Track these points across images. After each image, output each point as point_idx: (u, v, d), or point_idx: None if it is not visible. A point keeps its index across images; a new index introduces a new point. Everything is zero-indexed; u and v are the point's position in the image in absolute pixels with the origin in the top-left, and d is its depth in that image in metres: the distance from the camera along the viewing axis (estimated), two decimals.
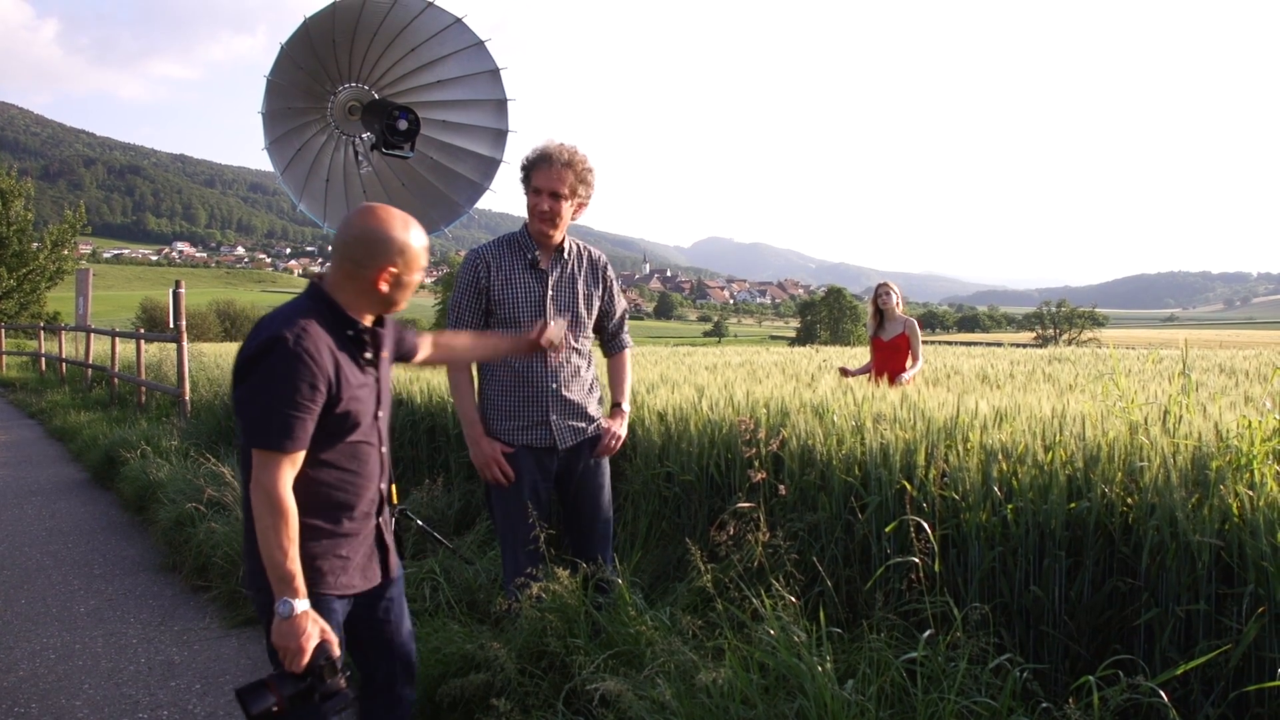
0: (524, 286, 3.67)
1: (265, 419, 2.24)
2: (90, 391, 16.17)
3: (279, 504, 2.24)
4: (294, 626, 2.23)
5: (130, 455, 8.45)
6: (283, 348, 2.24)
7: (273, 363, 2.24)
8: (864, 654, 2.91)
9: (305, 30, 4.32)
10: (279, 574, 2.23)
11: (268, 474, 2.24)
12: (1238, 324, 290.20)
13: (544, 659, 3.37)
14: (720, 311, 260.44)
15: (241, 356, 2.30)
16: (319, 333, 2.32)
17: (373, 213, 2.41)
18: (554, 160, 3.54)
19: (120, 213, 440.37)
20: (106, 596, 5.49)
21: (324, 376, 2.29)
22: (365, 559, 2.55)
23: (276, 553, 2.23)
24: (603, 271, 3.83)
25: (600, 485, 3.82)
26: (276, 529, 2.23)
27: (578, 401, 3.70)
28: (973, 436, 3.52)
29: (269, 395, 2.24)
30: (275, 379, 2.24)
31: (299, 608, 2.24)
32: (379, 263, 2.37)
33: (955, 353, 14.97)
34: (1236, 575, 2.76)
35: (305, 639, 2.23)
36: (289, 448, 2.26)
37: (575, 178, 3.57)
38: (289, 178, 4.60)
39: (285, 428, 2.24)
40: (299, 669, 2.24)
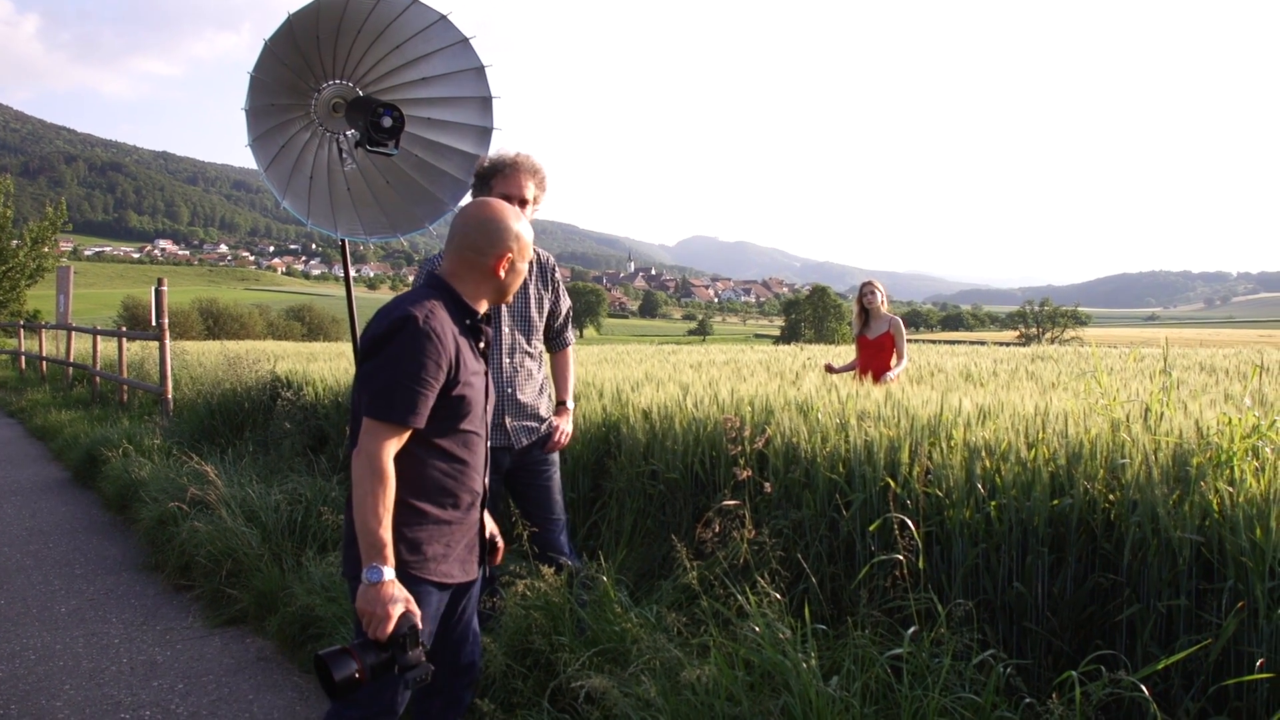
0: None
1: (391, 391, 2.32)
2: (71, 390, 16.04)
3: (382, 470, 2.30)
4: (381, 593, 2.25)
5: (112, 454, 8.39)
6: (413, 326, 2.34)
7: (404, 339, 2.34)
8: (849, 650, 2.92)
9: (289, 26, 4.29)
10: (371, 540, 2.28)
11: (376, 442, 2.31)
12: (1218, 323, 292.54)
13: (529, 656, 3.37)
14: (705, 310, 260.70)
15: (369, 335, 2.40)
16: (445, 315, 2.43)
17: (490, 204, 2.56)
18: (521, 168, 3.64)
19: (102, 210, 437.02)
20: (88, 596, 5.45)
21: (447, 356, 2.38)
22: (466, 551, 2.59)
23: (371, 519, 2.28)
24: (551, 273, 3.91)
25: (551, 479, 3.87)
26: (375, 494, 2.28)
27: (529, 403, 3.77)
28: (956, 434, 3.53)
29: (398, 369, 2.33)
30: (405, 354, 2.33)
31: (387, 575, 2.27)
32: (498, 250, 2.49)
33: (939, 351, 15.03)
34: (1216, 571, 2.78)
35: (391, 605, 2.25)
36: (410, 421, 2.34)
37: (537, 185, 3.70)
38: (272, 175, 4.57)
39: (410, 401, 2.33)
40: (383, 636, 2.25)
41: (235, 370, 10.46)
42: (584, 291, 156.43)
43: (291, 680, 4.18)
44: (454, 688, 2.72)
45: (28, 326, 23.53)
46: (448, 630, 2.67)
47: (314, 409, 8.08)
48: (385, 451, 2.32)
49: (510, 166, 3.65)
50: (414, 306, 2.38)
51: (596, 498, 4.99)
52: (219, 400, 9.70)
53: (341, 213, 4.82)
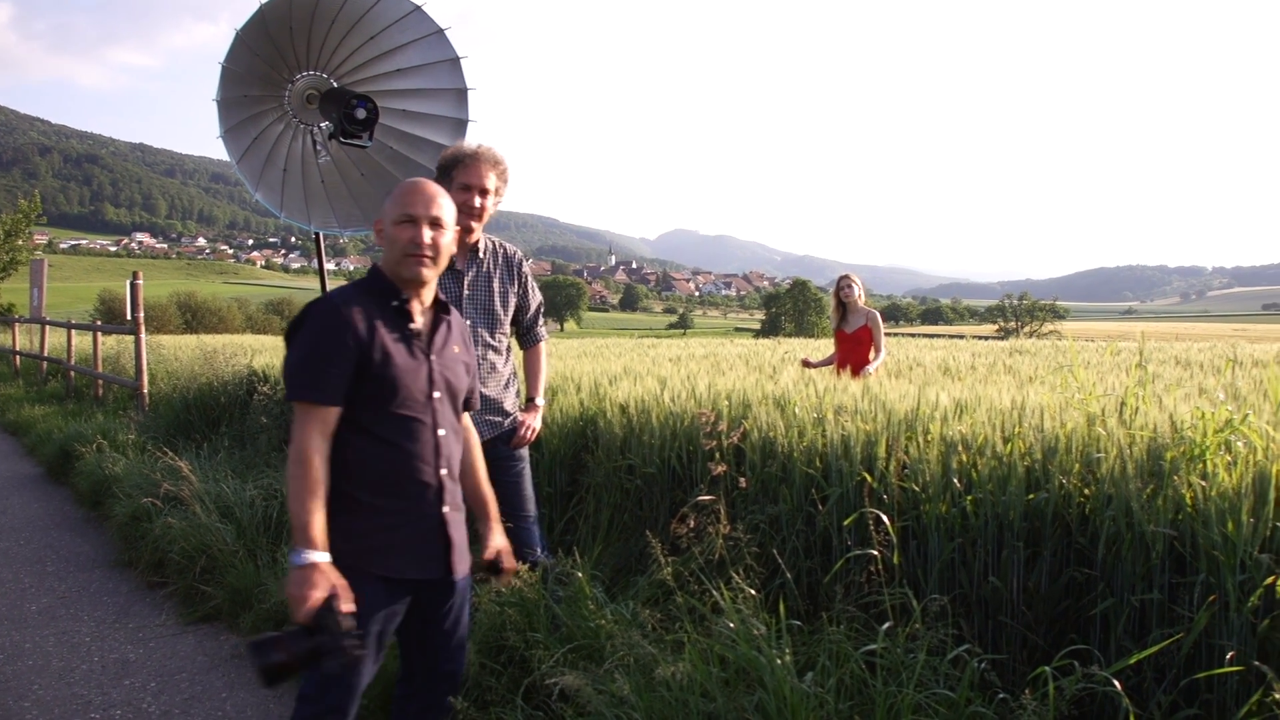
0: (441, 288, 3.69)
1: (296, 371, 2.43)
2: (45, 385, 15.87)
3: (304, 456, 2.35)
4: (303, 575, 2.27)
5: (86, 450, 8.29)
6: (317, 309, 2.46)
7: (307, 323, 2.45)
8: (824, 646, 2.91)
9: (261, 16, 4.24)
10: (297, 523, 2.32)
11: (299, 427, 2.38)
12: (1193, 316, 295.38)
13: (503, 653, 3.35)
14: (685, 303, 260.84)
15: (288, 326, 2.50)
16: (356, 298, 2.48)
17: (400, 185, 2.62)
18: (482, 158, 3.63)
19: (78, 202, 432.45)
20: (59, 594, 5.39)
21: (352, 333, 2.41)
22: (421, 546, 2.53)
23: (295, 503, 2.32)
24: (518, 268, 3.89)
25: (520, 476, 3.85)
26: (297, 479, 2.33)
27: (493, 397, 3.75)
28: (933, 428, 3.53)
29: (301, 350, 2.43)
30: (306, 336, 2.43)
31: (310, 558, 2.28)
32: (389, 214, 2.51)
33: (918, 344, 15.08)
34: (1189, 564, 2.79)
35: (311, 589, 2.25)
36: (317, 398, 2.39)
37: (498, 176, 3.67)
38: (245, 166, 4.52)
39: (313, 378, 2.39)
40: (300, 619, 2.26)
41: (212, 364, 10.37)
42: (564, 285, 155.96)
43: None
44: (432, 693, 2.68)
45: (1, 320, 23.27)
46: (424, 634, 2.63)
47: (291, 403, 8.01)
48: (308, 435, 2.37)
49: (470, 157, 3.63)
50: (325, 295, 2.50)
51: (573, 493, 4.97)
52: (195, 395, 9.61)
53: (315, 205, 4.77)
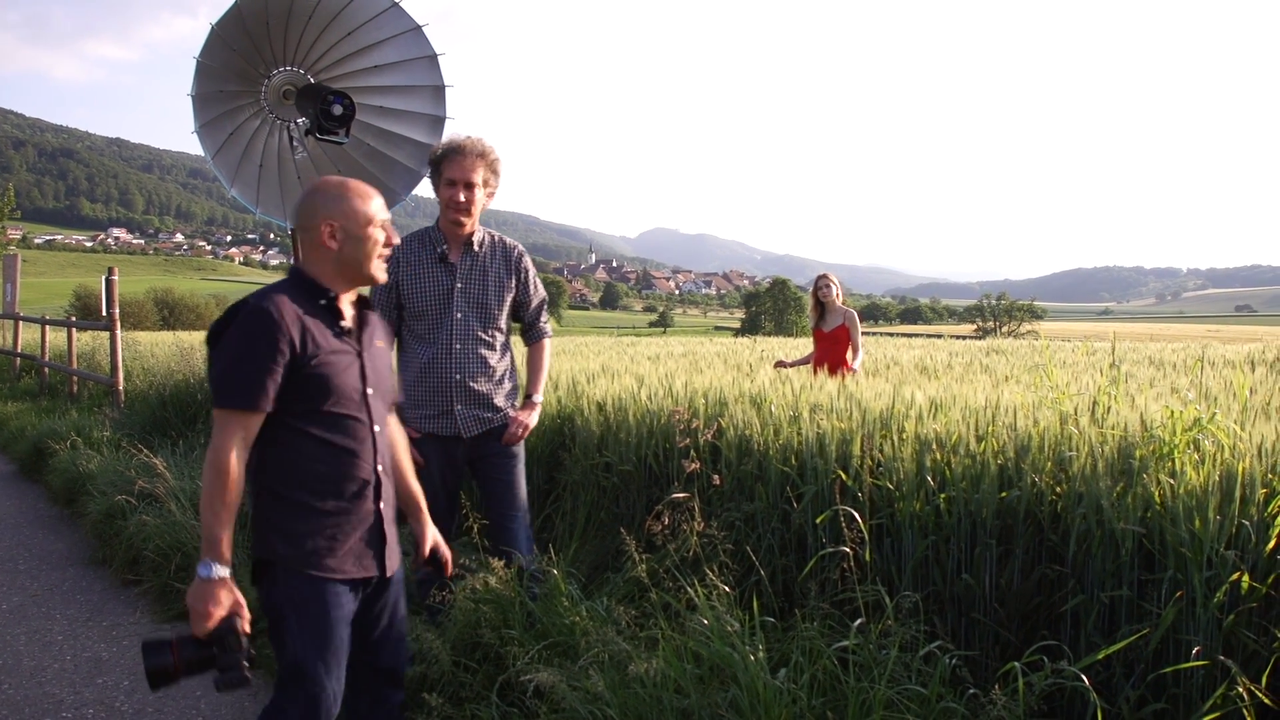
0: (432, 280, 3.73)
1: (225, 378, 2.30)
2: (19, 381, 15.69)
3: (223, 465, 2.26)
4: (208, 590, 2.24)
5: (60, 446, 8.21)
6: (245, 312, 2.32)
7: (235, 327, 2.32)
8: (797, 643, 2.93)
9: (237, 10, 4.22)
10: (208, 534, 2.25)
11: (219, 435, 2.28)
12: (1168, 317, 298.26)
13: (478, 650, 3.34)
14: (666, 302, 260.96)
15: (210, 330, 2.37)
16: (284, 299, 2.37)
17: (317, 181, 2.54)
18: (468, 151, 3.60)
19: (53, 197, 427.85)
20: (31, 592, 5.34)
21: (286, 336, 2.32)
22: (360, 545, 2.49)
23: (208, 513, 2.26)
24: (517, 262, 3.84)
25: (510, 476, 3.81)
26: (215, 489, 2.26)
27: (484, 392, 3.72)
28: (908, 426, 3.56)
29: (230, 355, 2.31)
30: (236, 340, 2.31)
31: (217, 573, 2.25)
32: (317, 218, 2.43)
33: (896, 344, 15.16)
34: (1157, 561, 2.83)
35: (214, 604, 2.24)
36: (248, 404, 2.29)
37: (487, 168, 3.65)
38: (221, 162, 4.50)
39: (244, 384, 2.29)
40: (202, 633, 2.24)
41: (188, 361, 10.29)
42: (545, 283, 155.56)
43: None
44: (377, 688, 2.67)
45: None
46: (365, 632, 2.61)
47: None
48: (228, 443, 2.27)
49: (456, 151, 3.61)
50: (252, 297, 2.36)
51: (551, 490, 4.97)
52: (171, 392, 9.52)
53: (292, 201, 4.74)
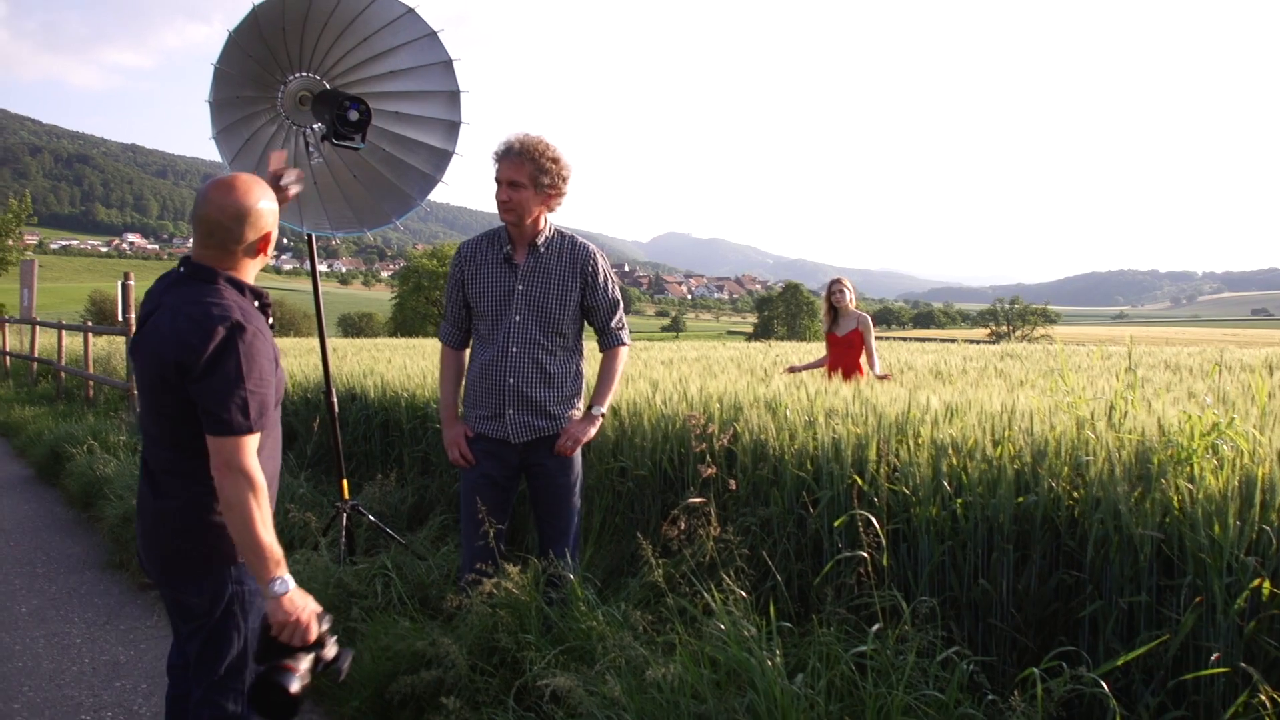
0: (495, 279, 3.71)
1: (248, 402, 2.24)
2: (36, 386, 15.80)
3: (260, 483, 2.24)
4: (294, 600, 2.24)
5: (76, 451, 8.27)
6: (244, 335, 2.26)
7: (237, 350, 2.25)
8: (814, 648, 2.93)
9: (254, 18, 4.24)
10: (268, 552, 2.22)
11: (245, 456, 2.23)
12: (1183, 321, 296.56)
13: (495, 655, 3.35)
14: (678, 307, 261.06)
15: (196, 350, 2.23)
16: (254, 309, 2.37)
17: (234, 187, 2.38)
18: (510, 150, 3.59)
19: (69, 203, 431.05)
20: (49, 596, 5.37)
21: (275, 351, 2.38)
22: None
23: (262, 532, 2.21)
24: (584, 264, 3.73)
25: (561, 486, 3.75)
26: (259, 507, 2.22)
27: (538, 400, 3.66)
28: (924, 431, 3.55)
29: (240, 379, 2.24)
30: (241, 363, 2.24)
31: (292, 583, 2.25)
32: (262, 230, 2.41)
33: (910, 348, 15.13)
34: (1176, 567, 2.81)
35: (307, 610, 2.25)
36: (265, 425, 2.32)
37: (535, 167, 3.57)
38: (237, 168, 4.51)
39: (260, 407, 2.28)
40: (310, 639, 2.24)
41: None
42: None
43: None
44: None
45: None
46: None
47: (283, 405, 8.01)
48: (253, 462, 2.25)
49: (503, 149, 3.61)
50: (232, 314, 2.28)
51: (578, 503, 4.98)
52: None
53: (308, 207, 4.76)
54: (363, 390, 7.12)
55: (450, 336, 3.91)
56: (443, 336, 3.93)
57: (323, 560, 4.58)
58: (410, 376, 7.08)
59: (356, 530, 5.08)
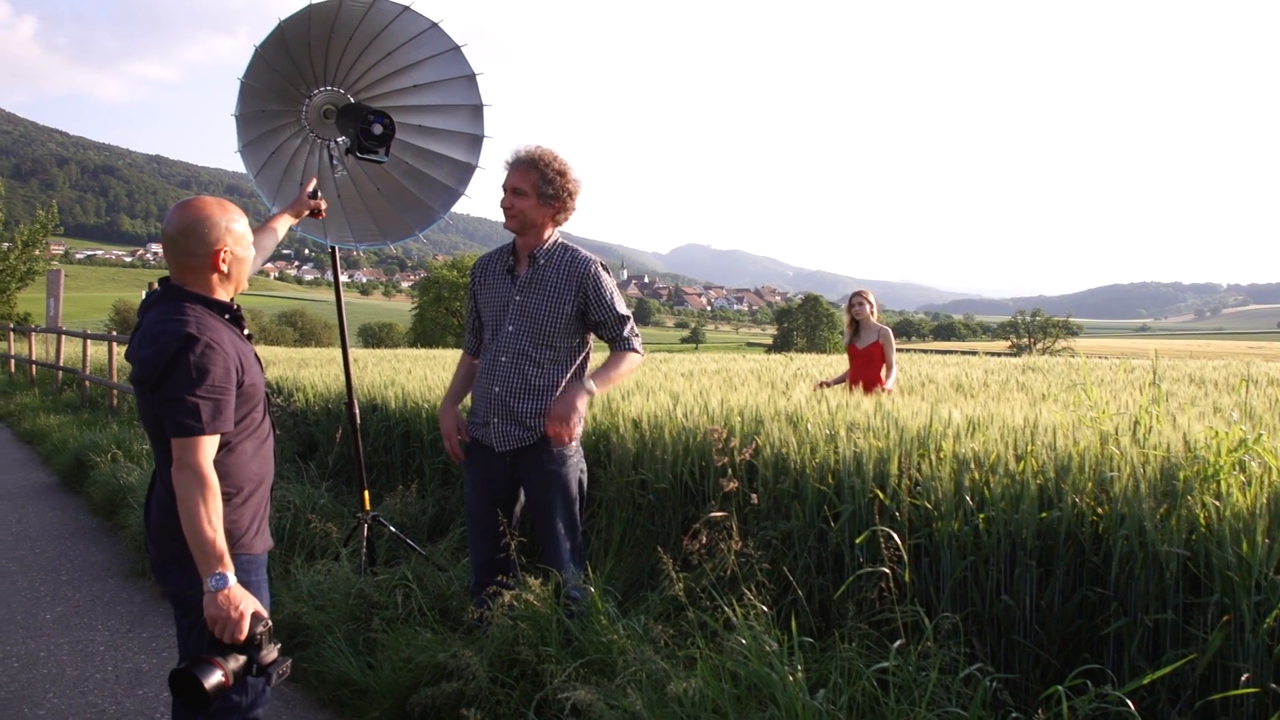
0: (498, 290, 3.78)
1: (202, 408, 2.38)
2: (61, 394, 15.96)
3: (210, 482, 2.36)
4: (231, 596, 2.32)
5: (101, 459, 8.34)
6: (198, 346, 2.41)
7: (191, 360, 2.39)
8: (835, 663, 2.91)
9: (280, 33, 4.29)
10: (211, 549, 2.33)
11: (198, 456, 2.36)
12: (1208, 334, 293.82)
13: (515, 667, 3.35)
14: (697, 318, 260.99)
15: (150, 364, 2.41)
16: (218, 322, 2.53)
17: (186, 205, 2.58)
18: (518, 158, 3.66)
19: (94, 213, 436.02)
20: (74, 603, 5.42)
21: (234, 360, 2.50)
22: (265, 524, 2.72)
23: (208, 529, 2.33)
24: (581, 277, 3.66)
25: (545, 504, 3.71)
26: (207, 504, 2.34)
27: (519, 411, 3.66)
28: (945, 445, 3.53)
29: (200, 386, 2.39)
30: (198, 372, 2.39)
31: (232, 580, 2.33)
32: (212, 246, 2.55)
33: (930, 361, 15.04)
34: (1203, 585, 2.78)
35: (242, 608, 2.33)
36: (224, 427, 2.45)
37: (540, 177, 3.62)
38: (263, 181, 4.56)
39: (216, 409, 2.41)
40: (240, 637, 2.31)
41: None
42: None
43: (278, 689, 4.15)
44: None
45: (17, 330, 23.44)
46: None
47: (304, 415, 8.06)
48: (209, 461, 2.38)
49: (510, 158, 3.69)
50: (186, 326, 2.42)
51: (585, 507, 4.98)
52: None
53: (331, 220, 4.80)
54: (383, 401, 7.15)
55: (468, 344, 4.03)
56: (464, 344, 4.06)
57: (344, 571, 4.60)
58: (431, 387, 7.11)
59: (377, 541, 5.10)
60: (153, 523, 2.60)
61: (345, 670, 3.85)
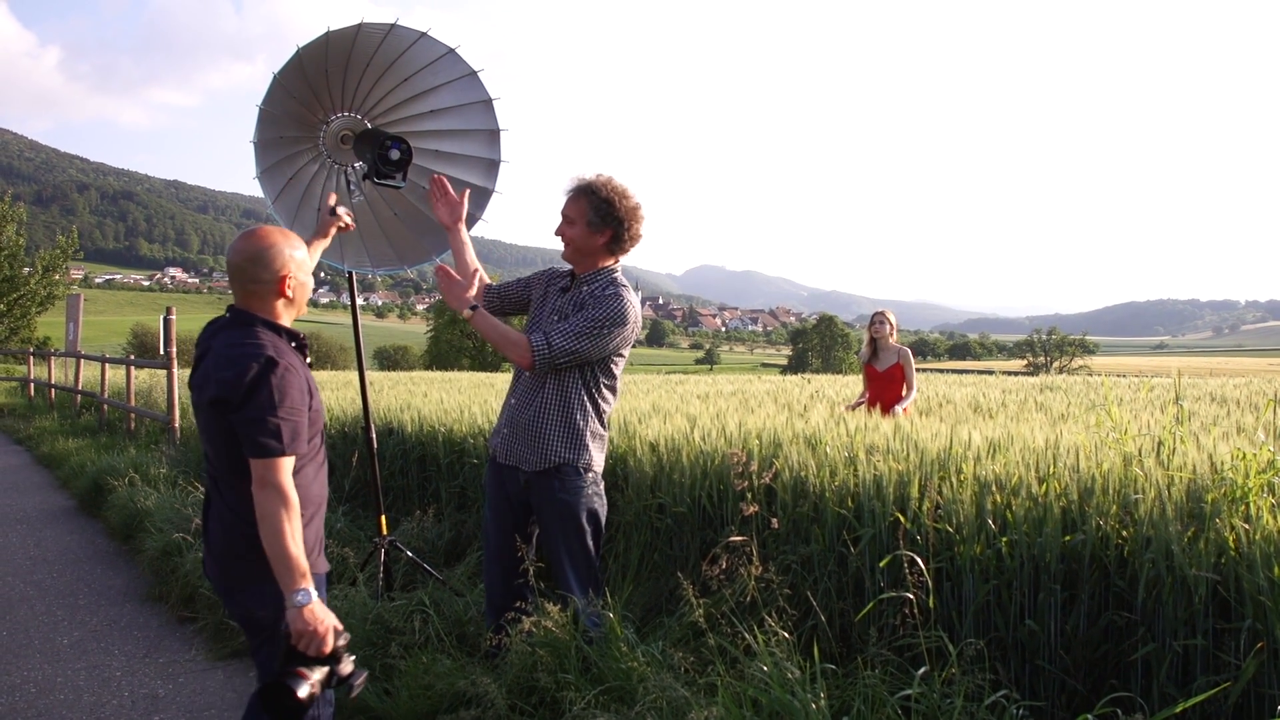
0: (543, 303, 3.86)
1: (281, 428, 2.47)
2: (79, 418, 16.05)
3: (293, 500, 2.46)
4: (314, 612, 2.39)
5: (118, 483, 8.36)
6: (276, 367, 2.51)
7: (274, 382, 2.49)
8: (858, 690, 2.87)
9: (298, 60, 4.31)
10: (295, 565, 2.40)
11: (280, 476, 2.45)
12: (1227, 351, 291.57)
13: (534, 695, 3.32)
14: (712, 339, 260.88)
15: (232, 385, 2.49)
16: (288, 348, 2.64)
17: (250, 233, 2.71)
18: (571, 187, 3.69)
19: (113, 238, 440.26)
20: (90, 628, 5.42)
21: (306, 384, 2.62)
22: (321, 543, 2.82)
23: (291, 546, 2.41)
24: (589, 297, 3.62)
25: (559, 526, 3.63)
26: (289, 522, 2.42)
27: (525, 426, 3.63)
28: (966, 468, 3.50)
29: (277, 407, 2.48)
30: (275, 394, 2.49)
31: (314, 595, 2.41)
32: (278, 273, 2.66)
33: (947, 381, 14.97)
34: (1234, 610, 2.74)
35: (325, 622, 2.41)
36: (298, 449, 2.54)
37: (589, 204, 3.61)
38: (280, 207, 4.58)
39: (294, 431, 2.51)
40: (325, 651, 2.39)
41: None
42: None
43: None
44: None
45: (37, 354, 23.62)
46: None
47: None
48: (288, 482, 2.47)
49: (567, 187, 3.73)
50: (265, 350, 2.53)
51: (602, 536, 4.95)
52: None
53: (348, 245, 4.82)
54: (400, 425, 7.15)
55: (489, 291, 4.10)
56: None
57: (361, 596, 4.58)
58: (447, 411, 7.11)
59: (394, 566, 5.08)
60: (215, 547, 2.66)
61: (362, 696, 3.82)
